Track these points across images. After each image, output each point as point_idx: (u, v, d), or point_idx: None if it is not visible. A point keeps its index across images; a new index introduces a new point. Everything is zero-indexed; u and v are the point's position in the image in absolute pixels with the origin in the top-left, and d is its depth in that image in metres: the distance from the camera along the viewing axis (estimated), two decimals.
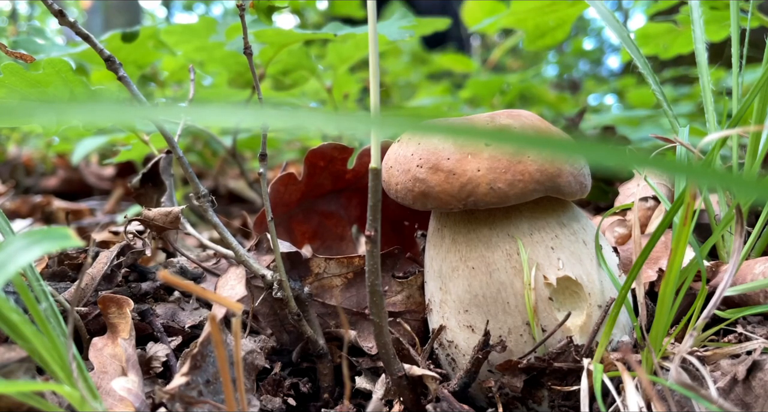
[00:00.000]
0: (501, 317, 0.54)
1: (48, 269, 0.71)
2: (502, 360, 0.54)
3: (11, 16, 4.89)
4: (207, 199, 0.64)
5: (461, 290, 0.55)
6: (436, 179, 0.52)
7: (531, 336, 0.53)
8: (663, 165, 0.19)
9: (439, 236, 0.57)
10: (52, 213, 1.55)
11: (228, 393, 0.42)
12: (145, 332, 0.63)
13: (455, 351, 0.56)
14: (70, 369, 0.43)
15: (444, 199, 0.52)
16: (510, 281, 0.54)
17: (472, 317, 0.55)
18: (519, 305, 0.53)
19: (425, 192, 0.52)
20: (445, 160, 0.52)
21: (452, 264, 0.55)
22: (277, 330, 0.66)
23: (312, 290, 0.65)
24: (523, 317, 0.53)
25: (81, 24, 0.59)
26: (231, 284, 0.63)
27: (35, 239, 0.39)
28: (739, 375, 0.46)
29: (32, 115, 0.17)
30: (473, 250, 0.54)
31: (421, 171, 0.53)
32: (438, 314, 0.58)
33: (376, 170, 0.45)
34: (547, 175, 0.53)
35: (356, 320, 0.64)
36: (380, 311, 0.50)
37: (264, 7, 0.69)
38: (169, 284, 0.69)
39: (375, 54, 0.43)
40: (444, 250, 0.56)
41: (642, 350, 0.49)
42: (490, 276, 0.54)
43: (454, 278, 0.55)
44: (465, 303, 0.55)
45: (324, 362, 0.63)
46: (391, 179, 0.55)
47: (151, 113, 0.19)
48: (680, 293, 0.48)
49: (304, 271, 0.65)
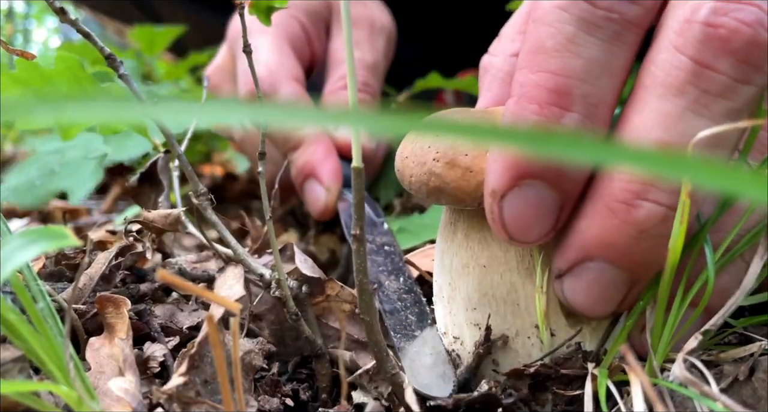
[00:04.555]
0: (510, 318, 0.53)
1: (45, 269, 0.71)
2: (508, 364, 0.53)
3: (8, 14, 4.88)
4: (206, 198, 0.64)
5: (471, 288, 0.54)
6: (453, 175, 0.50)
7: (539, 339, 0.53)
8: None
9: (451, 230, 0.56)
10: (49, 212, 1.55)
11: (225, 393, 0.42)
12: (142, 332, 0.63)
13: (461, 348, 0.55)
14: (67, 369, 0.43)
15: (459, 197, 0.51)
16: (522, 282, 0.53)
17: (480, 316, 0.54)
18: (529, 308, 0.52)
19: (440, 188, 0.51)
20: (462, 156, 0.50)
21: (463, 261, 0.54)
22: (276, 331, 0.66)
23: (320, 311, 0.65)
24: (532, 320, 0.52)
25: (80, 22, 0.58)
26: (229, 283, 0.63)
27: (32, 239, 0.39)
28: (741, 376, 0.46)
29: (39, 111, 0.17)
30: (486, 248, 0.53)
31: (437, 165, 0.51)
32: (446, 308, 0.57)
33: (359, 170, 0.45)
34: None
35: (355, 347, 0.63)
36: (370, 308, 0.49)
37: (263, 7, 0.69)
38: (168, 284, 0.69)
39: (350, 46, 0.44)
40: (455, 245, 0.55)
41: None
42: (501, 276, 0.53)
43: (464, 275, 0.54)
44: (474, 301, 0.54)
45: (322, 362, 0.63)
46: (405, 170, 0.53)
47: (156, 111, 0.19)
48: (686, 297, 0.48)
49: (318, 291, 0.64)
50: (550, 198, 0.47)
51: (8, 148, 2.40)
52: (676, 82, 0.45)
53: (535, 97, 0.47)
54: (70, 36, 2.59)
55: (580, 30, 0.46)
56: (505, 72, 0.60)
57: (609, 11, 0.46)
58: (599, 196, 0.47)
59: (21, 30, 5.24)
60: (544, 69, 0.47)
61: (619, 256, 0.47)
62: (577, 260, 0.49)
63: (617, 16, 0.46)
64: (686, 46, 0.44)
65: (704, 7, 0.44)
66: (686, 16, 0.45)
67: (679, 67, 0.45)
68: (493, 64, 0.61)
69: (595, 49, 0.46)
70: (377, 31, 1.01)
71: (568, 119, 0.46)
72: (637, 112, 0.46)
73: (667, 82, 0.45)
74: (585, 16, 0.46)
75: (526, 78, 0.48)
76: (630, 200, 0.45)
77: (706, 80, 0.44)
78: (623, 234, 0.46)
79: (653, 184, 0.45)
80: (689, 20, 0.45)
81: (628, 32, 0.47)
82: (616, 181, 0.46)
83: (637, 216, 0.45)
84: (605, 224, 0.46)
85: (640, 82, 0.47)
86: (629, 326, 0.50)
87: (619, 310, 0.51)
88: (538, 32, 0.48)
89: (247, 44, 0.62)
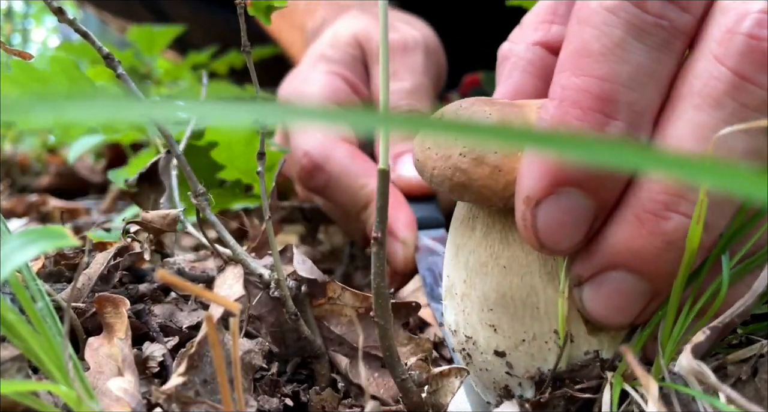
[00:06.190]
0: (528, 321, 0.51)
1: (44, 269, 0.71)
2: (523, 367, 0.52)
3: (7, 14, 4.87)
4: (205, 198, 0.64)
5: (488, 288, 0.52)
6: (480, 173, 0.48)
7: (556, 344, 0.51)
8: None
9: (470, 226, 0.53)
10: (48, 212, 1.55)
11: (225, 393, 0.41)
12: (141, 332, 0.63)
13: (473, 347, 0.54)
14: (66, 369, 0.43)
15: (485, 195, 0.48)
16: (543, 286, 0.51)
17: (497, 317, 0.52)
18: (548, 312, 0.51)
19: (465, 184, 0.48)
20: (491, 154, 0.48)
21: (481, 259, 0.52)
22: (276, 331, 0.66)
23: (322, 313, 0.64)
24: (551, 325, 0.51)
25: (78, 21, 0.58)
26: (228, 283, 0.63)
27: (31, 238, 0.39)
28: (744, 375, 0.46)
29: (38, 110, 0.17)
30: (507, 249, 0.51)
31: (463, 161, 0.48)
32: (458, 306, 0.55)
33: (385, 172, 0.44)
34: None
35: (353, 354, 0.63)
36: (385, 313, 0.49)
37: (262, 7, 0.69)
38: (167, 284, 0.69)
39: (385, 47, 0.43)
40: (474, 242, 0.53)
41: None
42: (521, 279, 0.51)
43: (482, 274, 0.52)
44: (490, 301, 0.52)
45: (321, 363, 0.63)
46: (427, 161, 0.50)
47: (154, 110, 0.19)
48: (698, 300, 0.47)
49: (319, 292, 0.64)
50: (586, 207, 0.46)
51: (7, 147, 2.39)
52: (714, 93, 0.44)
53: (579, 102, 0.45)
54: (69, 35, 2.59)
55: (629, 35, 0.45)
56: (526, 61, 0.58)
57: (659, 18, 0.45)
58: (629, 205, 0.46)
59: (20, 29, 5.24)
60: (589, 73, 0.45)
61: (643, 266, 0.46)
62: (600, 268, 0.48)
63: (667, 23, 0.45)
64: (727, 57, 0.43)
65: (748, 18, 0.43)
66: (729, 25, 0.44)
67: (718, 78, 0.44)
68: (513, 52, 0.60)
69: (643, 55, 0.45)
70: (411, 51, 0.98)
71: (612, 128, 0.45)
72: (672, 122, 0.45)
73: (705, 93, 0.44)
74: (634, 21, 0.45)
75: (569, 81, 0.46)
76: (660, 211, 0.44)
77: (746, 94, 0.43)
78: (650, 245, 0.45)
79: (684, 196, 0.44)
80: (732, 30, 0.43)
81: (676, 40, 0.46)
82: (646, 191, 0.45)
83: (666, 228, 0.44)
84: (633, 234, 0.45)
85: (676, 89, 0.46)
86: (646, 335, 0.49)
87: (636, 322, 0.50)
88: (583, 33, 0.46)
89: (246, 44, 0.62)
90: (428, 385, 0.55)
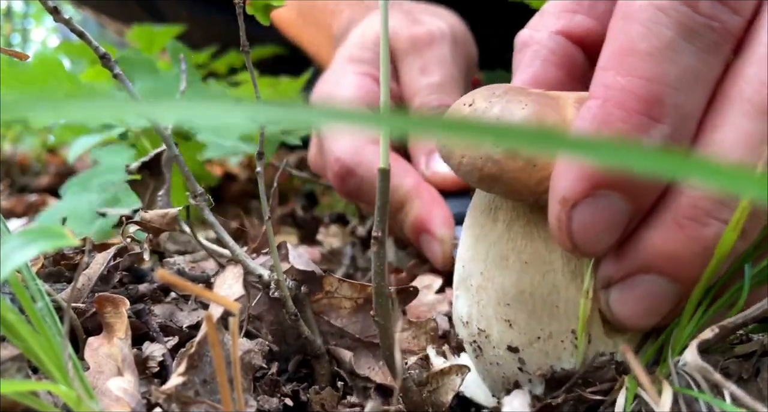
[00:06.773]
0: (545, 319, 0.51)
1: (44, 269, 0.71)
2: (535, 364, 0.52)
3: (7, 13, 4.87)
4: (203, 199, 0.64)
5: (507, 282, 0.51)
6: (513, 165, 0.46)
7: (572, 344, 0.50)
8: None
9: (491, 217, 0.52)
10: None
11: (225, 393, 0.41)
12: (141, 332, 0.63)
13: (485, 341, 0.53)
14: (66, 368, 0.43)
15: (516, 189, 0.47)
16: (565, 285, 0.50)
17: (513, 313, 0.51)
18: (568, 312, 0.50)
19: (495, 176, 0.46)
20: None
21: (502, 252, 0.51)
22: (276, 330, 0.66)
23: (320, 308, 0.64)
24: (569, 324, 0.50)
25: (76, 21, 0.58)
26: (228, 283, 0.63)
27: (31, 238, 0.39)
28: (746, 374, 0.46)
29: (33, 110, 0.17)
30: (530, 244, 0.50)
31: (496, 151, 0.46)
32: (473, 298, 0.53)
33: (385, 171, 0.44)
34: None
35: (356, 346, 0.63)
36: (386, 312, 0.49)
37: (261, 6, 0.69)
38: (167, 283, 0.69)
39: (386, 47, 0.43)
40: (495, 234, 0.51)
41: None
42: (543, 276, 0.50)
43: (502, 268, 0.51)
44: (508, 296, 0.51)
45: (321, 363, 0.63)
46: (456, 149, 0.48)
47: (149, 110, 0.19)
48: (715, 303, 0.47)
49: (316, 287, 0.64)
50: (623, 211, 0.45)
51: (7, 147, 2.39)
52: (765, 100, 0.43)
53: (623, 103, 0.43)
54: (69, 35, 2.59)
55: (678, 35, 0.43)
56: (548, 49, 0.57)
57: (711, 19, 0.43)
58: (668, 210, 0.45)
59: (19, 29, 5.24)
60: (635, 73, 0.43)
61: (678, 270, 0.45)
62: (633, 270, 0.47)
63: (718, 25, 0.43)
64: None
65: None
66: None
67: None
68: (534, 40, 0.58)
69: (692, 57, 0.43)
70: (437, 43, 0.96)
71: (657, 131, 0.43)
72: (719, 127, 0.44)
73: (755, 100, 0.43)
74: (685, 21, 0.43)
75: (614, 80, 0.44)
76: (700, 217, 0.44)
77: None
78: (688, 250, 0.44)
79: (725, 204, 0.43)
80: None
81: (725, 43, 0.44)
82: (687, 197, 0.44)
83: (706, 234, 0.44)
84: (671, 238, 0.45)
85: (724, 92, 0.45)
86: (662, 340, 0.49)
87: (661, 324, 0.49)
88: (629, 31, 0.44)
89: (245, 44, 0.62)
90: (428, 383, 0.55)
